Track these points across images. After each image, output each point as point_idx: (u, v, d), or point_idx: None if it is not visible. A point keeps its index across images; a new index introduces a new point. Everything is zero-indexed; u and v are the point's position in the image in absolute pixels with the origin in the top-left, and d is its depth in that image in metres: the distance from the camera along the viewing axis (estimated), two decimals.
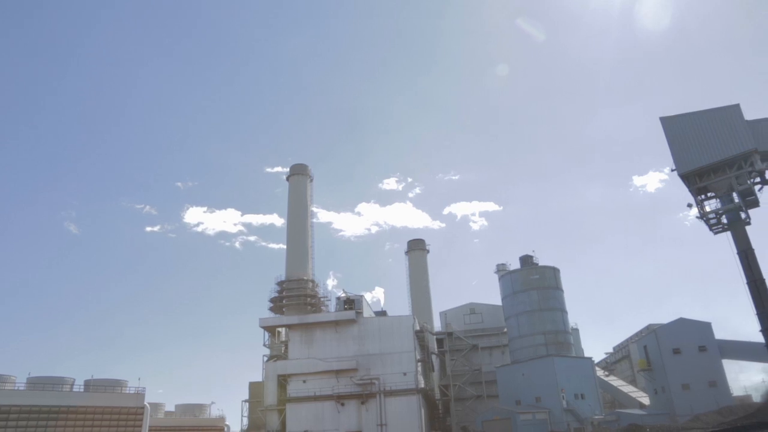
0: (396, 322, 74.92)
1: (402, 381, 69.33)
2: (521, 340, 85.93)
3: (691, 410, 66.04)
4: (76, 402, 57.04)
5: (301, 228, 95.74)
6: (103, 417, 57.12)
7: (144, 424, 58.62)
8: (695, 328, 74.90)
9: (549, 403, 73.47)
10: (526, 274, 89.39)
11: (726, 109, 40.41)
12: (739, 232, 39.53)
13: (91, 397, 59.28)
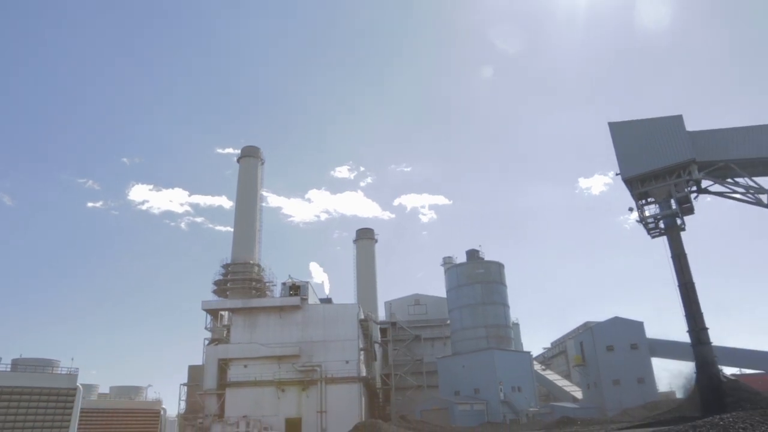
0: (341, 310, 74.93)
1: (344, 369, 69.50)
2: (463, 333, 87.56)
3: (620, 404, 68.92)
4: (2, 382, 54.54)
5: (250, 211, 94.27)
6: (31, 398, 54.71)
7: (75, 406, 56.58)
8: (628, 327, 78.08)
9: (487, 395, 75.26)
10: (472, 268, 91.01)
11: (669, 119, 41.92)
12: (674, 236, 41.11)
13: (18, 377, 56.72)
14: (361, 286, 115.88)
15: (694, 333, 38.49)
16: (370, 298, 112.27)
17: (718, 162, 40.07)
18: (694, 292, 39.07)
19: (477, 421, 69.20)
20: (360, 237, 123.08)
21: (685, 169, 40.67)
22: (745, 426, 15.82)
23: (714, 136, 40.92)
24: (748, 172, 39.71)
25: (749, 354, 73.64)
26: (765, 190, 38.99)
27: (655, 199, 42.45)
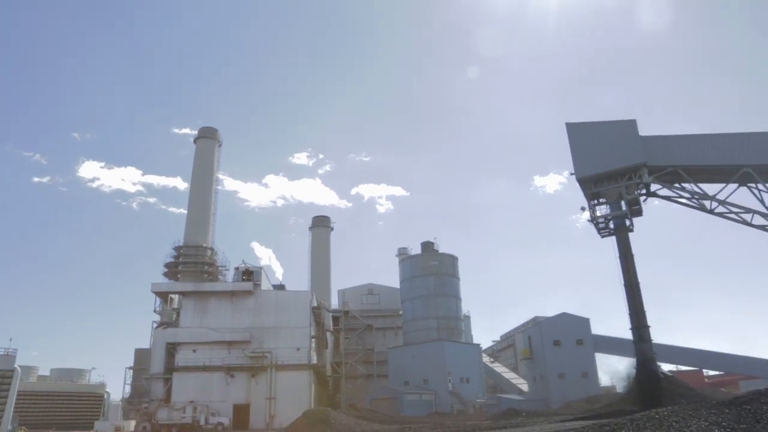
0: (293, 297, 74.59)
1: (295, 356, 69.31)
2: (415, 323, 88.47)
3: (564, 397, 70.89)
4: None
5: (205, 193, 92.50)
6: None
7: (12, 388, 54.43)
8: (575, 323, 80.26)
9: (436, 385, 76.33)
10: (426, 259, 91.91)
11: (624, 123, 43.11)
12: (622, 237, 42.32)
13: None
14: (315, 273, 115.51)
15: (636, 330, 39.89)
16: (323, 286, 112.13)
17: (667, 167, 41.45)
18: (638, 291, 40.44)
19: (425, 411, 70.17)
20: (316, 224, 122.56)
21: (636, 173, 41.93)
22: (678, 420, 16.52)
23: (665, 142, 42.30)
24: (694, 179, 41.23)
25: (685, 352, 76.84)
26: (709, 197, 40.58)
27: (606, 200, 43.63)
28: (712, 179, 41.73)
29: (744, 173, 39.28)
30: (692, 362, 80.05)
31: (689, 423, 16.24)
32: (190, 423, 62.64)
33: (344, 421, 37.54)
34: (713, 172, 41.23)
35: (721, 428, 15.86)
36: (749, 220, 39.56)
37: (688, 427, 15.96)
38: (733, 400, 19.02)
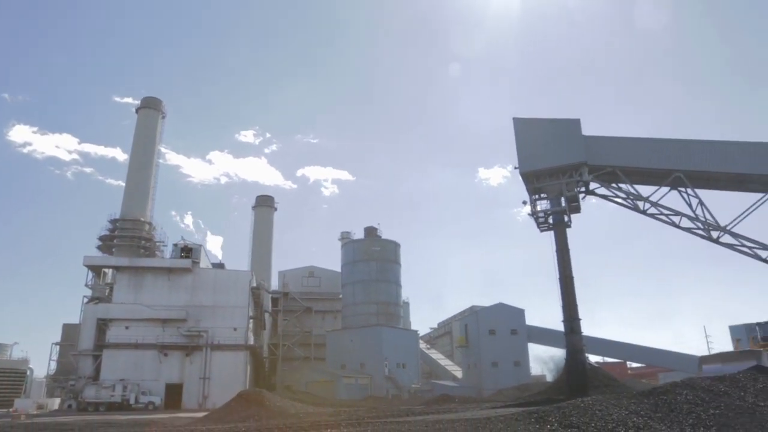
0: (233, 276, 73.52)
1: (231, 336, 68.46)
2: (354, 308, 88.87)
3: (496, 385, 72.98)
4: None
5: (145, 166, 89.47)
6: None
7: None
8: (511, 313, 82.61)
9: (372, 370, 77.11)
10: (369, 244, 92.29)
11: (568, 121, 44.22)
12: (560, 232, 43.40)
13: None
14: (256, 253, 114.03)
15: (568, 323, 41.24)
16: (264, 266, 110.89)
17: (606, 167, 42.84)
18: (572, 285, 41.75)
19: (361, 395, 70.81)
20: (259, 204, 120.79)
21: (576, 170, 43.12)
22: (602, 408, 17.34)
23: (606, 142, 43.69)
24: (631, 180, 42.81)
25: (612, 344, 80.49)
26: (642, 198, 42.25)
27: (547, 196, 44.68)
28: (647, 181, 43.41)
29: (676, 177, 41.07)
30: (617, 354, 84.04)
31: (611, 411, 17.07)
32: (119, 402, 60.95)
33: (279, 403, 37.38)
34: (648, 174, 42.90)
35: (639, 416, 16.75)
36: (677, 222, 41.45)
37: (610, 415, 16.78)
38: (652, 391, 20.12)
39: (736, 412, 17.41)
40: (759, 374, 21.18)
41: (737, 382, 20.10)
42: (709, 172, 40.99)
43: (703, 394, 18.60)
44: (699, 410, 17.33)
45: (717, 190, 43.12)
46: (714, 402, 18.05)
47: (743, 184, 41.55)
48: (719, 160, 40.51)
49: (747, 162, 39.83)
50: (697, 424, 16.43)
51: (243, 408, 34.99)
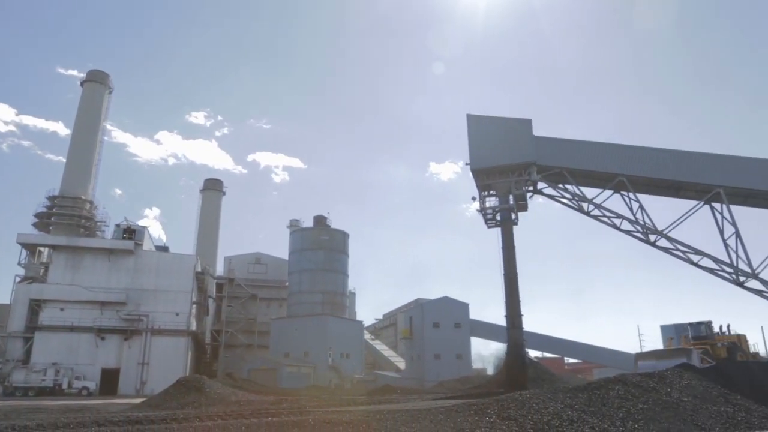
0: (177, 260, 71.95)
1: (173, 321, 67.07)
2: (300, 296, 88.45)
3: (438, 377, 74.14)
4: None
5: (88, 142, 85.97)
6: None
7: None
8: (455, 307, 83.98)
9: (316, 359, 77.00)
10: (317, 233, 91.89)
11: (520, 121, 45.19)
12: (507, 229, 44.39)
13: None
14: (202, 238, 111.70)
15: (510, 318, 42.32)
16: (209, 251, 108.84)
17: (554, 168, 44.01)
18: (515, 281, 42.82)
19: (303, 384, 70.54)
20: (207, 187, 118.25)
21: (525, 170, 44.15)
22: (539, 401, 17.89)
23: (555, 144, 44.84)
24: (577, 181, 44.13)
25: (551, 340, 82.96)
26: (587, 200, 43.63)
27: (496, 193, 45.62)
28: (592, 184, 44.85)
29: (619, 181, 42.58)
30: (556, 350, 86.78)
31: (547, 405, 17.63)
32: (50, 387, 58.65)
33: (219, 390, 36.91)
34: (594, 177, 44.30)
35: (574, 410, 17.37)
36: (618, 225, 43.04)
37: (546, 408, 17.33)
38: (586, 386, 20.89)
39: (662, 406, 18.28)
40: (685, 371, 22.26)
41: (665, 379, 21.08)
42: (650, 178, 42.68)
43: (633, 390, 19.42)
44: (629, 405, 18.11)
45: (657, 195, 44.95)
46: (643, 397, 18.88)
47: (680, 191, 43.46)
48: (660, 167, 42.22)
49: (684, 170, 41.67)
50: (626, 417, 17.16)
51: (182, 395, 34.40)
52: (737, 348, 38.85)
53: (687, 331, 41.85)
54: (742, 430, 17.15)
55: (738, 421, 17.92)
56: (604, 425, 16.46)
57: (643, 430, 16.40)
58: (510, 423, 16.02)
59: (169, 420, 21.03)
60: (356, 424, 17.01)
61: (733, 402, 19.56)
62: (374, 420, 17.47)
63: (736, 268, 38.55)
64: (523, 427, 15.78)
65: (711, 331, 41.23)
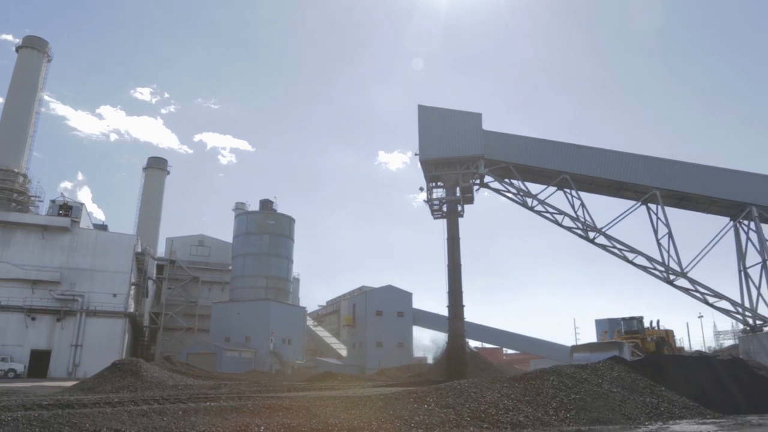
0: (116, 240, 69.68)
1: (110, 302, 65.03)
2: (243, 280, 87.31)
3: (379, 365, 74.80)
4: None
5: (23, 112, 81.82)
6: None
7: None
8: (399, 296, 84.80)
9: (257, 344, 76.38)
10: (263, 217, 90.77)
11: (471, 114, 45.78)
12: (452, 221, 45.08)
13: None
14: (143, 217, 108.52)
15: (452, 308, 43.10)
16: (151, 231, 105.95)
17: (501, 162, 44.88)
18: (459, 272, 43.60)
19: (243, 369, 69.90)
20: (151, 165, 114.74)
21: (473, 163, 44.85)
22: (476, 390, 18.35)
23: (503, 139, 45.68)
24: (522, 177, 45.16)
25: (490, 331, 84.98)
26: (531, 195, 44.74)
27: (443, 184, 46.20)
28: (537, 180, 45.99)
29: (563, 179, 43.81)
30: (495, 341, 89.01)
31: (485, 394, 18.11)
32: None
33: (157, 374, 36.09)
34: (539, 173, 45.43)
35: (510, 399, 17.91)
36: (560, 221, 44.36)
37: (484, 397, 17.80)
38: (522, 376, 21.54)
39: (593, 397, 19.06)
40: (616, 364, 23.24)
41: (597, 371, 21.95)
42: (592, 177, 44.09)
43: (567, 381, 20.15)
44: (562, 395, 18.79)
45: (598, 194, 46.51)
46: (576, 388, 19.62)
47: (620, 191, 45.10)
48: (602, 167, 43.66)
49: (624, 171, 43.25)
50: (559, 407, 17.81)
51: (117, 378, 33.48)
52: (665, 342, 40.79)
53: (620, 325, 43.65)
54: (664, 419, 18.07)
55: (661, 411, 18.87)
56: (538, 414, 17.03)
57: (575, 419, 17.06)
58: (448, 411, 16.36)
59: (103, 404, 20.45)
60: (296, 409, 17.00)
61: (658, 393, 20.56)
62: (314, 406, 17.50)
63: (668, 266, 40.41)
64: (460, 415, 16.16)
65: (642, 326, 43.14)
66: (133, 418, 15.31)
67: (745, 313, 39.67)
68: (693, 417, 18.71)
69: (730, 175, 41.76)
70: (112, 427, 14.02)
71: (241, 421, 15.28)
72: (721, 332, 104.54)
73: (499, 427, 15.64)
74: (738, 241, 42.24)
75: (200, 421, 15.23)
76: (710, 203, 42.84)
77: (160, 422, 14.94)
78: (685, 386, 21.64)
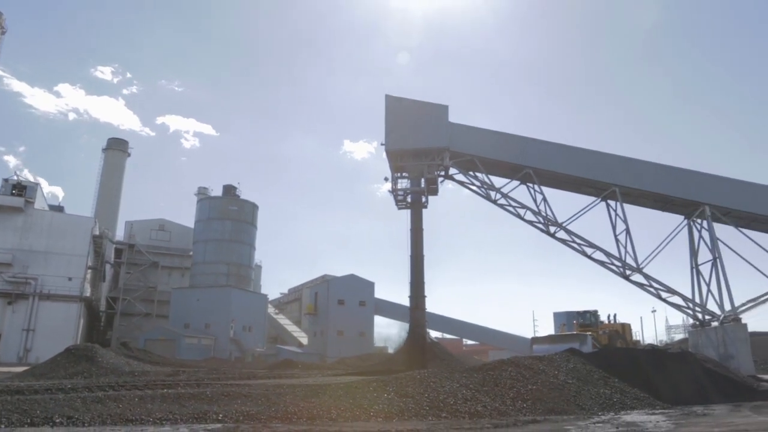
0: (73, 222, 67.84)
1: (65, 286, 63.37)
2: (204, 266, 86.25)
3: (339, 353, 74.92)
4: None
5: None
6: None
7: None
8: (361, 285, 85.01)
9: (217, 331, 75.68)
10: (226, 203, 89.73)
11: (437, 106, 45.88)
12: (416, 212, 45.25)
13: None
14: (102, 199, 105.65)
15: (414, 299, 43.38)
16: (110, 214, 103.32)
17: (466, 155, 45.14)
18: (421, 263, 43.86)
19: (203, 356, 69.18)
20: (111, 146, 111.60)
21: (439, 155, 45.02)
22: (436, 380, 18.59)
23: (469, 131, 45.96)
24: (487, 170, 45.54)
25: (451, 322, 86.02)
26: (495, 188, 45.19)
27: (408, 175, 46.29)
28: (501, 173, 46.42)
29: (526, 173, 44.37)
30: (455, 332, 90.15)
31: (444, 383, 18.35)
32: None
33: (113, 360, 35.39)
34: (503, 166, 45.86)
35: (468, 389, 18.20)
36: (522, 215, 44.94)
37: (443, 386, 18.04)
38: (481, 367, 21.92)
39: (549, 387, 19.51)
40: (572, 356, 23.82)
41: (553, 362, 22.48)
42: (555, 173, 44.77)
43: (524, 372, 20.57)
44: (519, 386, 19.19)
45: (560, 189, 47.26)
46: (533, 379, 20.05)
47: (581, 187, 45.94)
48: (564, 163, 44.37)
49: (586, 168, 44.08)
50: (516, 397, 18.19)
51: (71, 364, 32.73)
52: (618, 336, 41.95)
53: (578, 318, 44.74)
54: (616, 409, 18.63)
55: (614, 402, 19.46)
56: (495, 404, 17.36)
57: (531, 409, 17.45)
58: (407, 400, 16.53)
59: (55, 390, 20.01)
60: (255, 397, 16.94)
61: (611, 385, 21.18)
62: (273, 394, 17.46)
63: (624, 262, 41.42)
64: (419, 404, 16.35)
65: (596, 319, 44.29)
66: (87, 404, 15.02)
67: (695, 309, 41.02)
68: (644, 408, 19.34)
69: (686, 175, 43.00)
70: (64, 414, 13.73)
71: (199, 408, 15.15)
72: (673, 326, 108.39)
73: (457, 417, 15.88)
74: (691, 238, 43.52)
75: (157, 408, 15.04)
76: (667, 201, 44.02)
77: (116, 409, 14.70)
78: (637, 378, 22.34)
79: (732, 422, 15.02)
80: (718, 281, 39.79)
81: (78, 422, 13.15)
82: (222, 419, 14.10)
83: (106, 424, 13.15)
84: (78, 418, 13.41)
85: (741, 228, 42.32)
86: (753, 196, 41.54)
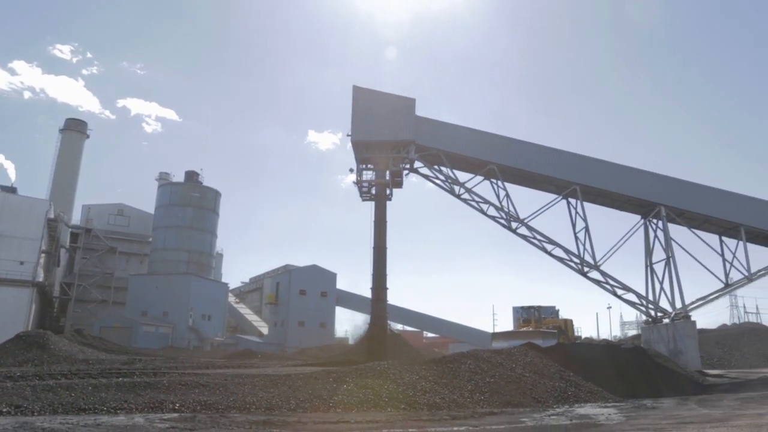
0: (26, 204, 65.68)
1: (17, 270, 61.36)
2: (164, 253, 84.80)
3: (300, 344, 74.74)
4: None
5: None
6: None
7: None
8: (323, 276, 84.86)
9: (176, 319, 74.58)
10: (188, 189, 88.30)
11: (405, 99, 45.99)
12: (380, 204, 45.39)
13: None
14: (58, 182, 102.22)
15: (375, 291, 43.56)
16: (66, 197, 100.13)
17: (431, 149, 45.40)
18: (384, 255, 44.04)
19: (160, 344, 68.11)
20: (69, 127, 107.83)
21: (404, 147, 45.17)
22: (395, 372, 18.74)
23: (435, 126, 46.21)
24: (452, 164, 45.88)
25: (412, 314, 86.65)
26: (459, 183, 45.59)
27: (373, 167, 46.34)
28: (466, 168, 46.83)
29: (490, 169, 44.88)
30: (416, 324, 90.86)
31: (404, 375, 18.50)
32: None
33: (65, 347, 34.57)
34: (468, 162, 46.28)
35: (428, 381, 18.39)
36: (485, 210, 45.48)
37: (402, 378, 18.18)
38: (441, 359, 22.19)
39: (506, 380, 19.87)
40: (530, 350, 24.32)
41: (511, 356, 22.90)
42: (518, 169, 45.42)
43: (483, 365, 20.90)
44: (478, 378, 19.48)
45: (522, 186, 47.98)
46: (491, 371, 20.38)
47: (543, 184, 46.72)
48: (527, 160, 45.06)
49: (548, 166, 44.86)
50: (474, 390, 18.47)
51: (22, 351, 31.84)
52: (561, 331, 42.92)
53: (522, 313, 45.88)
54: (571, 402, 19.10)
55: (568, 395, 19.95)
56: (454, 396, 17.58)
57: (488, 401, 17.75)
58: (367, 391, 16.61)
59: (3, 378, 19.40)
60: (213, 387, 16.76)
61: (566, 378, 21.70)
62: (232, 384, 17.31)
63: (582, 259, 42.37)
64: (379, 396, 16.44)
65: (539, 314, 45.51)
66: (37, 393, 14.63)
67: (648, 306, 42.31)
68: (597, 401, 19.88)
69: (644, 176, 44.25)
70: (12, 403, 13.33)
71: (154, 397, 14.90)
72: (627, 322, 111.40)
73: (416, 408, 16.03)
74: (647, 238, 44.80)
75: (111, 397, 14.74)
76: (625, 201, 45.16)
77: (68, 398, 14.35)
78: (592, 372, 22.95)
79: (678, 415, 15.57)
80: (671, 280, 41.16)
81: (27, 411, 12.76)
82: (179, 409, 13.90)
83: (57, 414, 12.80)
84: (27, 407, 13.01)
85: (694, 229, 43.77)
86: (706, 199, 43.06)
